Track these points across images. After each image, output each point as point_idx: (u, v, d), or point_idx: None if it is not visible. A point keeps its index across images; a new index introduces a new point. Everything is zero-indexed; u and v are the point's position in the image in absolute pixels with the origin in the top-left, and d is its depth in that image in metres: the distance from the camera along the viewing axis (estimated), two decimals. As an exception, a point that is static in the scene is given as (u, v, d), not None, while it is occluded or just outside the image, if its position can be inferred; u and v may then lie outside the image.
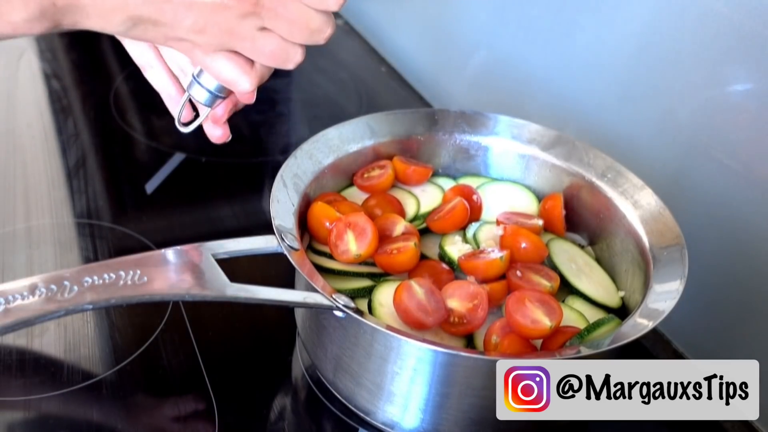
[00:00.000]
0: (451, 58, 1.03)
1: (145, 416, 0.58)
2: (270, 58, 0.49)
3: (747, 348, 0.64)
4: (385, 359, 0.52)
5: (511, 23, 0.89)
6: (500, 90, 0.93)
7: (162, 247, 0.55)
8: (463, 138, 0.71)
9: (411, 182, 0.69)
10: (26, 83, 1.00)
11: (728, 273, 0.66)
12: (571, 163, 0.68)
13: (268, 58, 0.49)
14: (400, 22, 1.14)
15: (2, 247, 0.71)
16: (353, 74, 1.09)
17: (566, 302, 0.60)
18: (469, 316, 0.55)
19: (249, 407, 0.59)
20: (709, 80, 0.65)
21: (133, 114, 0.96)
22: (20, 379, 0.59)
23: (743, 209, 0.63)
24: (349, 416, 0.58)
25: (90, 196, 0.80)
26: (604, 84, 0.77)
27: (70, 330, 0.63)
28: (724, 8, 0.62)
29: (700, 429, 0.60)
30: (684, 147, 0.68)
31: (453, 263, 0.61)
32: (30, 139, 0.88)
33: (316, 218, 0.61)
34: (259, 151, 0.90)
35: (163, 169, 0.84)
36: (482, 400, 0.51)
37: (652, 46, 0.70)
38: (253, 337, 0.65)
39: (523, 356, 0.52)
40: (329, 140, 0.67)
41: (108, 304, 0.50)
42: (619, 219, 0.63)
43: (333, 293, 0.52)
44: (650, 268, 0.58)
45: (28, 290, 0.50)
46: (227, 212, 0.80)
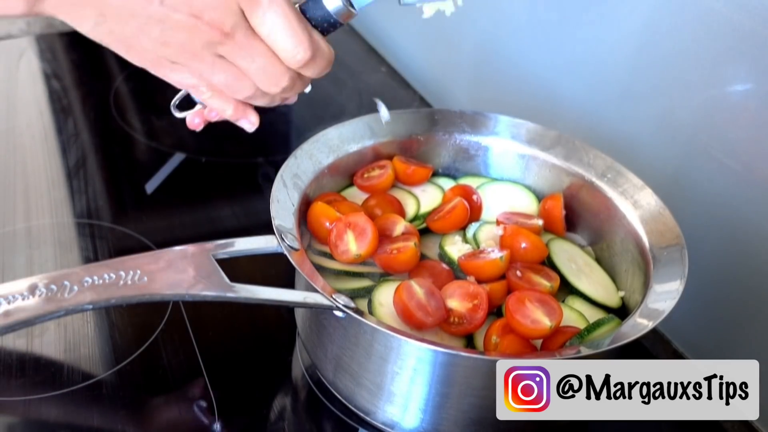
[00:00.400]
0: (451, 58, 1.03)
1: (145, 416, 0.58)
2: (222, 87, 0.51)
3: (747, 348, 0.64)
4: (385, 359, 0.52)
5: (511, 23, 0.89)
6: (500, 90, 0.93)
7: (162, 247, 0.55)
8: (463, 138, 0.71)
9: (411, 182, 0.69)
10: (26, 83, 1.00)
11: (728, 273, 0.66)
12: (571, 163, 0.68)
13: (220, 86, 0.51)
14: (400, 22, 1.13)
15: (2, 247, 0.71)
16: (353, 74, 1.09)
17: (566, 302, 0.60)
18: (469, 316, 0.55)
19: (249, 407, 0.59)
20: (709, 80, 0.65)
21: (133, 114, 0.96)
22: (20, 380, 0.59)
23: (743, 209, 0.63)
24: (349, 416, 0.58)
25: (90, 196, 0.80)
26: (604, 84, 0.77)
27: (70, 330, 0.63)
28: (724, 8, 0.62)
29: (700, 429, 0.60)
30: (684, 147, 0.68)
31: (453, 263, 0.61)
32: (30, 138, 0.88)
33: (316, 218, 0.61)
34: (259, 151, 0.90)
35: (163, 169, 0.84)
36: (482, 400, 0.51)
37: (652, 45, 0.70)
38: (253, 337, 0.65)
39: (523, 356, 0.52)
40: (329, 140, 0.67)
41: (108, 304, 0.50)
42: (619, 219, 0.63)
43: (333, 293, 0.52)
44: (650, 268, 0.57)
45: (28, 290, 0.50)
46: (227, 212, 0.80)
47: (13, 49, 1.06)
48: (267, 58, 0.49)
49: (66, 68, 1.04)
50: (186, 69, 0.50)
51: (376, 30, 1.18)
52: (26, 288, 0.50)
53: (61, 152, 0.86)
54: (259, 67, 0.50)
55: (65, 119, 0.92)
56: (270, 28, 0.48)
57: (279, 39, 0.48)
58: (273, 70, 0.50)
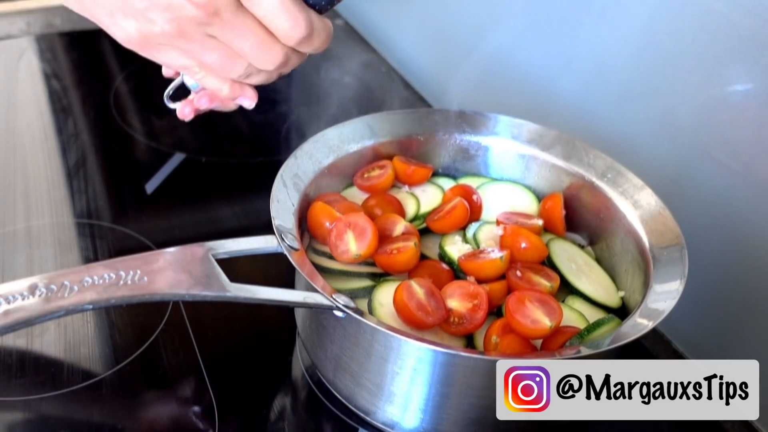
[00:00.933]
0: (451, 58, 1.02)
1: (145, 416, 0.58)
2: (215, 67, 0.50)
3: (747, 348, 0.64)
4: (385, 359, 0.52)
5: (511, 23, 0.89)
6: (500, 90, 0.93)
7: (162, 247, 0.55)
8: (463, 138, 0.71)
9: (411, 182, 0.69)
10: (26, 83, 1.00)
11: (728, 273, 0.66)
12: (571, 163, 0.68)
13: (213, 66, 0.50)
14: (400, 22, 1.13)
15: (2, 247, 0.71)
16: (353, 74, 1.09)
17: (566, 302, 0.60)
18: (469, 316, 0.55)
19: (249, 407, 0.59)
20: (709, 80, 0.65)
21: (133, 114, 0.96)
22: (20, 379, 0.59)
23: (743, 209, 0.63)
24: (349, 416, 0.58)
25: (90, 196, 0.80)
26: (604, 84, 0.77)
27: (70, 330, 0.63)
28: (724, 8, 0.62)
29: (700, 429, 0.60)
30: (684, 147, 0.68)
31: (453, 263, 0.61)
32: (30, 139, 0.88)
33: (316, 218, 0.61)
34: (259, 151, 0.90)
35: (163, 169, 0.84)
36: (482, 400, 0.51)
37: (652, 46, 0.70)
38: (253, 337, 0.65)
39: (523, 356, 0.52)
40: (329, 140, 0.67)
41: (108, 304, 0.50)
42: (619, 219, 0.63)
43: (333, 293, 0.52)
44: (650, 268, 0.57)
45: (28, 290, 0.50)
46: (227, 212, 0.80)
47: (13, 49, 1.06)
48: (260, 36, 0.48)
49: (66, 68, 1.04)
50: (175, 49, 0.49)
51: (376, 30, 1.18)
52: (26, 288, 0.50)
53: (61, 152, 0.86)
54: (252, 46, 0.48)
55: (65, 119, 0.92)
56: (266, 7, 0.47)
57: (275, 18, 0.47)
58: (267, 47, 0.49)
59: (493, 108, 0.73)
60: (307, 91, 1.05)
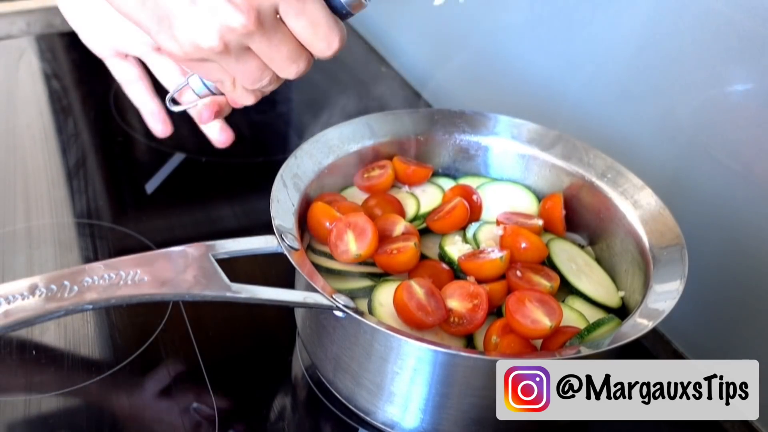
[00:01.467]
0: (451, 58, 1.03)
1: (145, 416, 0.58)
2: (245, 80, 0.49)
3: (747, 348, 0.64)
4: (385, 359, 0.52)
5: (511, 23, 0.89)
6: (500, 90, 0.93)
7: (162, 247, 0.55)
8: (463, 138, 0.71)
9: (411, 182, 0.69)
10: (26, 83, 1.00)
11: (728, 273, 0.66)
12: (571, 163, 0.68)
13: (243, 79, 0.49)
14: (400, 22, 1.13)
15: (2, 247, 0.71)
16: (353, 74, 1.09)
17: (566, 302, 0.60)
18: (469, 316, 0.55)
19: (249, 407, 0.59)
20: (709, 80, 0.65)
21: (133, 114, 0.95)
22: (20, 379, 0.59)
23: (743, 209, 0.63)
24: (349, 416, 0.58)
25: (90, 196, 0.79)
26: (604, 84, 0.77)
27: (70, 330, 0.63)
28: (724, 8, 0.62)
29: (700, 429, 0.60)
30: (684, 147, 0.68)
31: (453, 263, 0.61)
32: (30, 139, 0.88)
33: (316, 218, 0.61)
34: (259, 151, 0.90)
35: (163, 169, 0.84)
36: (482, 400, 0.51)
37: (652, 45, 0.70)
38: (253, 337, 0.65)
39: (523, 356, 0.52)
40: (329, 140, 0.67)
41: (108, 304, 0.50)
42: (619, 219, 0.63)
43: (333, 293, 0.52)
44: (650, 268, 0.58)
45: (28, 290, 0.50)
46: (227, 212, 0.80)
47: (13, 49, 1.06)
48: (292, 47, 0.47)
49: (66, 68, 1.04)
50: (215, 64, 0.48)
51: (376, 30, 1.18)
52: (26, 288, 0.50)
53: (61, 152, 0.86)
54: (283, 57, 0.47)
55: (65, 119, 0.92)
56: (307, 20, 0.46)
57: (317, 31, 0.46)
58: (296, 58, 0.48)
59: (493, 108, 0.73)
60: (307, 91, 1.05)
